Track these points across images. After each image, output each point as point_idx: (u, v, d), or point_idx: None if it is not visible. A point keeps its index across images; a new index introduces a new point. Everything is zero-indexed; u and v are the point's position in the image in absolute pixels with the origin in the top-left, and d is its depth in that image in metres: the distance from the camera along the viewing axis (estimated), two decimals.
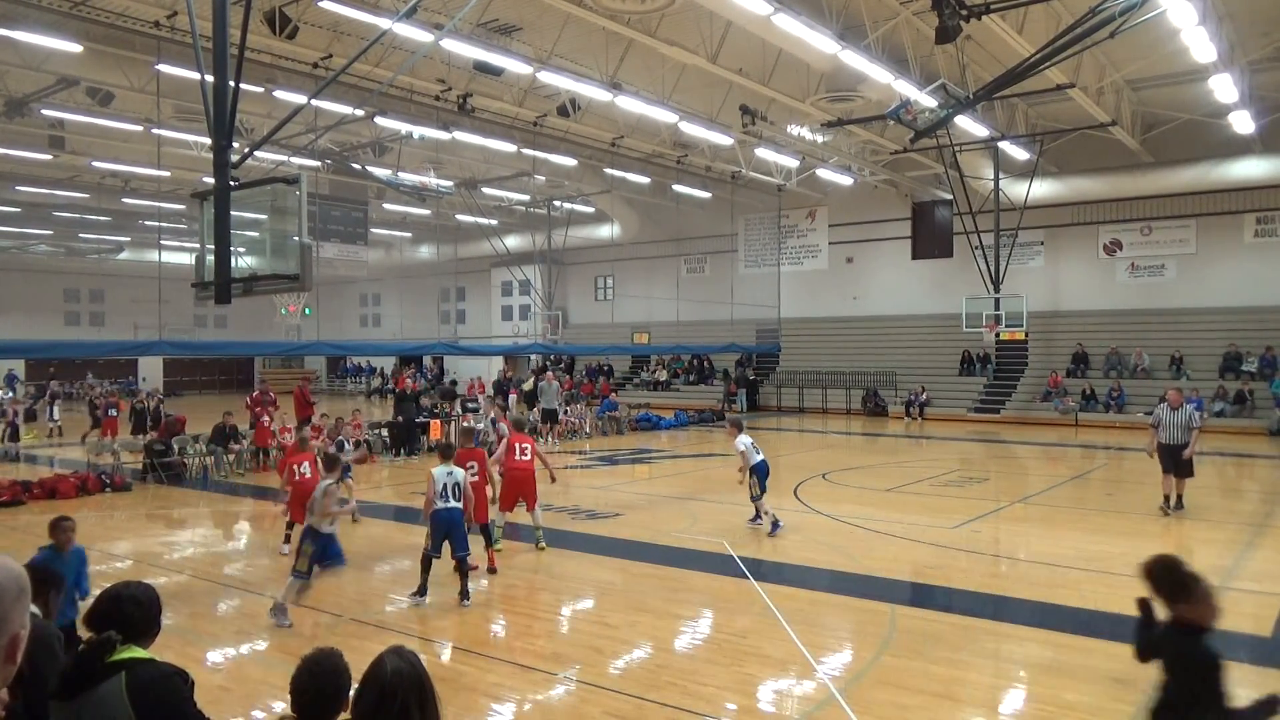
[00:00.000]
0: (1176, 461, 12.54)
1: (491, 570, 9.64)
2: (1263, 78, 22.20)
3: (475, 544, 10.04)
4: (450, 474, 8.63)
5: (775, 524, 11.65)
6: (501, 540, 10.54)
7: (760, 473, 11.79)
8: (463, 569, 8.55)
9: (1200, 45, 15.96)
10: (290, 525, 10.63)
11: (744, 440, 11.89)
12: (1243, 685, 6.59)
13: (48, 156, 27.36)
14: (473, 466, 9.67)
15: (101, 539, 12.14)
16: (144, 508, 14.55)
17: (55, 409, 26.82)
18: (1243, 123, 21.68)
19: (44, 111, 22.25)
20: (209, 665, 6.98)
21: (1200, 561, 10.22)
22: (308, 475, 10.22)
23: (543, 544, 10.71)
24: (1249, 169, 25.48)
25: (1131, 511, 13.55)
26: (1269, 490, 16.25)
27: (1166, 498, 12.80)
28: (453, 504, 8.51)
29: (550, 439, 23.30)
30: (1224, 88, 18.69)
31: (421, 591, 8.58)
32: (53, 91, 21.30)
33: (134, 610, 3.08)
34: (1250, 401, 24.81)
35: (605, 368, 39.21)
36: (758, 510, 11.95)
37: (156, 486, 16.32)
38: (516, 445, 10.55)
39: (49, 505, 14.31)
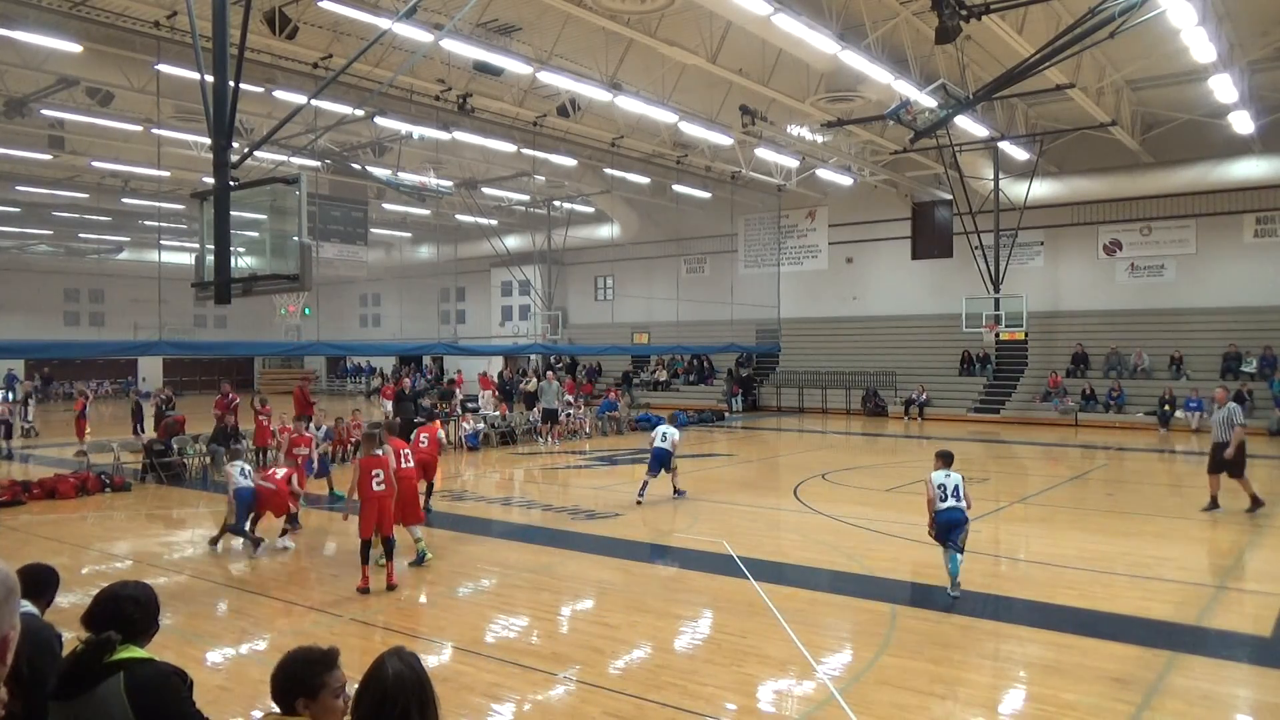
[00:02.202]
0: (1219, 459, 12.77)
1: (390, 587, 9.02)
2: (1262, 78, 22.20)
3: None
4: (242, 467, 11.17)
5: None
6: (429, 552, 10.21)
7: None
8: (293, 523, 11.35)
9: (1200, 45, 15.94)
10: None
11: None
12: (1243, 686, 6.62)
13: (48, 156, 27.35)
14: (378, 474, 9.08)
15: (101, 539, 12.15)
16: (144, 508, 14.54)
17: (29, 410, 26.75)
18: (1242, 123, 21.66)
19: (44, 111, 22.23)
20: (208, 665, 6.98)
21: (1200, 562, 10.26)
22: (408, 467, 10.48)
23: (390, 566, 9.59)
24: (1249, 169, 25.47)
25: (1131, 511, 13.56)
26: (1269, 490, 16.22)
27: (1214, 498, 12.84)
28: (252, 482, 11.11)
29: (550, 439, 23.33)
30: (1224, 88, 18.68)
31: (256, 544, 10.80)
32: (53, 91, 21.29)
33: (133, 610, 3.08)
34: (1250, 402, 24.78)
35: (598, 368, 39.27)
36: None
37: (156, 486, 16.31)
38: (369, 469, 9.14)
39: (49, 505, 14.34)
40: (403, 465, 9.95)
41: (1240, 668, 6.93)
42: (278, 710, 2.81)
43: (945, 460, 8.84)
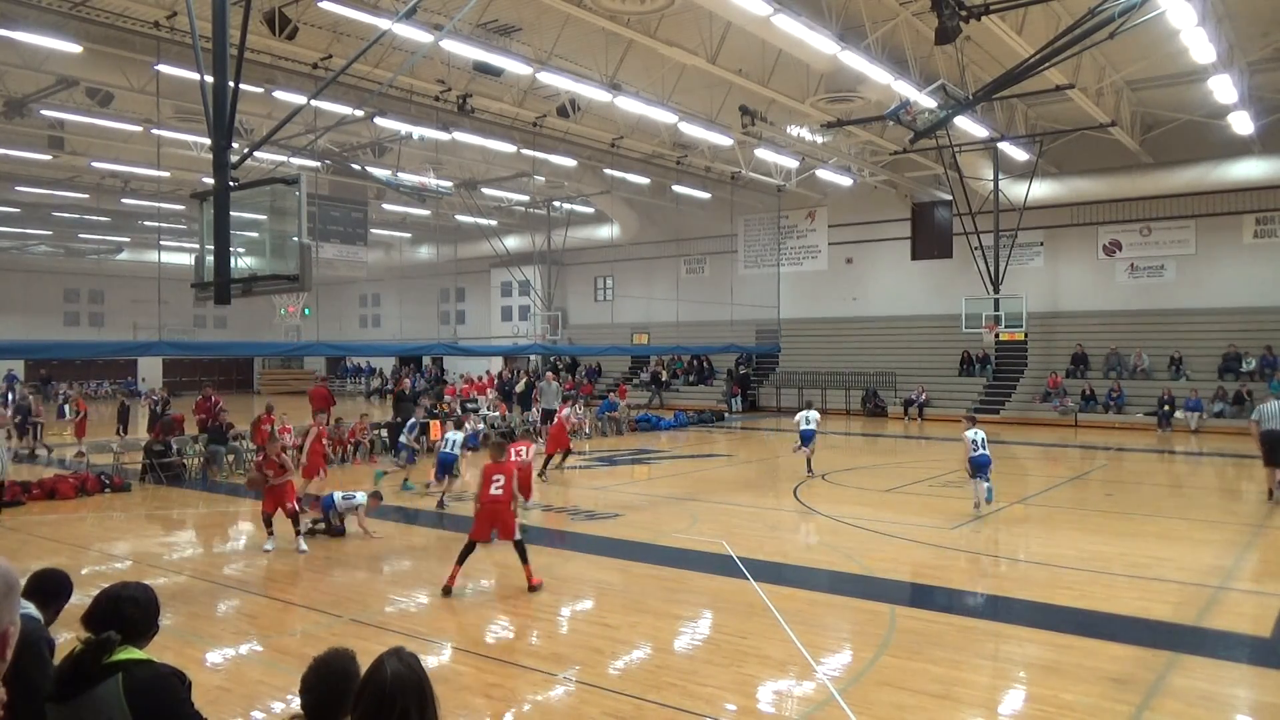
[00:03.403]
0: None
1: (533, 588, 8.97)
2: (1262, 78, 22.20)
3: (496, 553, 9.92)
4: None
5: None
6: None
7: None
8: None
9: (1200, 46, 15.95)
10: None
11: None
12: (1243, 686, 6.62)
13: (48, 157, 27.36)
14: (498, 479, 8.95)
15: (101, 539, 12.14)
16: (143, 508, 14.53)
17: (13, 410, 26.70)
18: (1242, 123, 21.67)
19: (44, 112, 22.24)
20: (208, 666, 6.97)
21: (1200, 562, 10.26)
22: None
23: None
24: (1248, 169, 25.48)
25: (1131, 512, 13.56)
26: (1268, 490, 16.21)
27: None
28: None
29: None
30: (1223, 88, 18.69)
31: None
32: (52, 92, 21.30)
33: (133, 611, 3.07)
34: (1249, 402, 24.74)
35: (597, 369, 39.32)
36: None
37: (155, 487, 16.31)
38: (490, 475, 9.11)
39: (49, 505, 14.34)
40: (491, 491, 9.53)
41: (1240, 668, 6.93)
42: (303, 714, 2.80)
43: (971, 420, 12.78)
